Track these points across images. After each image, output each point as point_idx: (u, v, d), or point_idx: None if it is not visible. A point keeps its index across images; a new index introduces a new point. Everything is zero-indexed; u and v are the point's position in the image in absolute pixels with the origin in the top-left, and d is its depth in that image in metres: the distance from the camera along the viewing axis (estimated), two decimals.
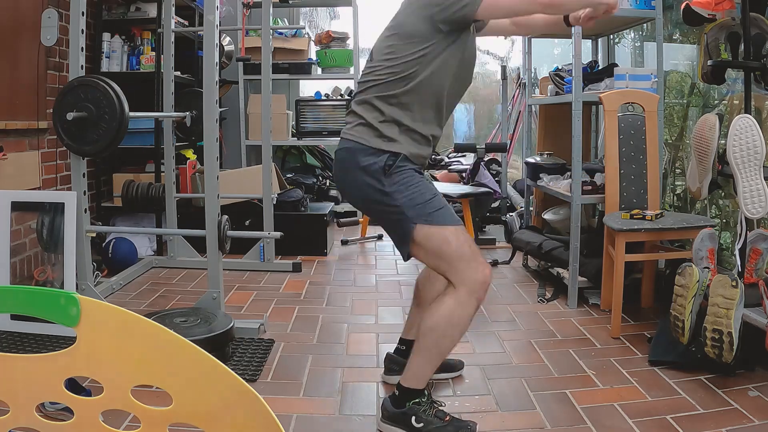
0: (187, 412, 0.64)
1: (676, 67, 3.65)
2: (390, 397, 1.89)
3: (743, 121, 2.23)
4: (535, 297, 3.19)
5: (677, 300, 2.26)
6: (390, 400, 1.88)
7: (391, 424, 1.86)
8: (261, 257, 3.77)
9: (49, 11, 2.71)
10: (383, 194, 1.80)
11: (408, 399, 1.85)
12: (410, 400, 1.85)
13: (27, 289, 0.62)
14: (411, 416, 1.83)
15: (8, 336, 2.51)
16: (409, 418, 1.83)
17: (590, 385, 2.16)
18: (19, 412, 0.67)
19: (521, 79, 5.19)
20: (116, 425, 0.71)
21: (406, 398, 1.85)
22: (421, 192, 1.81)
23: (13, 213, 2.63)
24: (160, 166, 3.87)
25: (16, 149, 3.15)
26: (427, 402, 1.86)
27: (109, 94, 2.45)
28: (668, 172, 3.44)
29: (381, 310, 3.02)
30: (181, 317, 2.45)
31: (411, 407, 1.84)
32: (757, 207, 2.20)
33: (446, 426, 1.82)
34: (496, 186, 4.75)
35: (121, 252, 3.68)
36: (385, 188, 1.80)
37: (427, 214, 1.79)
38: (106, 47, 4.04)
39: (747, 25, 2.28)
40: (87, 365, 0.63)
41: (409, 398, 1.85)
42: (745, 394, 2.05)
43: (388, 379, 2.17)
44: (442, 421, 1.83)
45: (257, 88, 4.78)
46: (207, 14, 2.54)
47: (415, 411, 1.83)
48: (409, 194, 1.80)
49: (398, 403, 1.86)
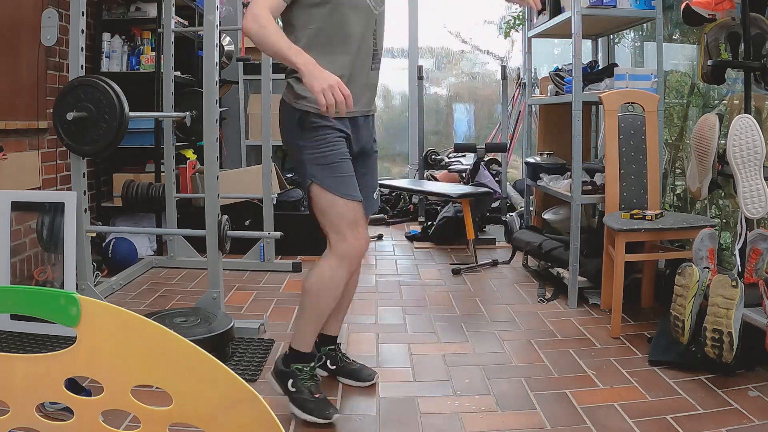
0: (187, 412, 0.64)
1: (676, 67, 3.64)
2: (283, 355, 2.05)
3: (743, 121, 2.23)
4: (535, 297, 3.19)
5: (677, 300, 2.26)
6: (281, 358, 2.05)
7: (275, 379, 2.03)
8: (261, 257, 3.77)
9: (49, 11, 2.71)
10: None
11: (294, 361, 2.00)
12: (295, 363, 1.99)
13: (27, 289, 0.62)
14: (289, 378, 1.98)
15: (8, 336, 2.51)
16: (288, 379, 1.98)
17: (590, 385, 2.16)
18: (19, 412, 0.67)
19: (521, 79, 5.19)
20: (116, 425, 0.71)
21: (292, 359, 2.00)
22: (325, 154, 1.89)
23: (13, 213, 2.63)
24: (160, 166, 3.87)
25: (16, 149, 3.14)
26: (308, 372, 2.00)
27: (109, 94, 2.45)
28: (668, 172, 3.44)
29: (381, 310, 3.02)
30: (181, 317, 2.45)
31: (293, 370, 1.99)
32: (757, 207, 2.20)
33: (310, 401, 1.93)
34: (496, 186, 4.75)
35: (121, 252, 3.67)
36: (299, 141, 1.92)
37: (324, 176, 1.88)
38: (106, 47, 4.04)
39: (747, 25, 2.28)
40: (87, 365, 0.63)
41: (295, 360, 2.00)
42: (745, 394, 2.05)
43: None
44: (312, 395, 1.95)
45: (257, 88, 4.78)
46: (207, 14, 2.54)
47: (295, 375, 1.98)
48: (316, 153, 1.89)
49: (285, 362, 2.02)
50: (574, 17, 2.98)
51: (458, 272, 3.67)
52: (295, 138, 1.93)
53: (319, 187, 1.89)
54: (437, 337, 2.66)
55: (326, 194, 1.89)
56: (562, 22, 3.23)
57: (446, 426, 1.91)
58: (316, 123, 1.88)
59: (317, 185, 1.89)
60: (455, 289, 3.38)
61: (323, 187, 1.89)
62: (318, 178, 1.89)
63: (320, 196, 1.90)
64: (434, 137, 6.30)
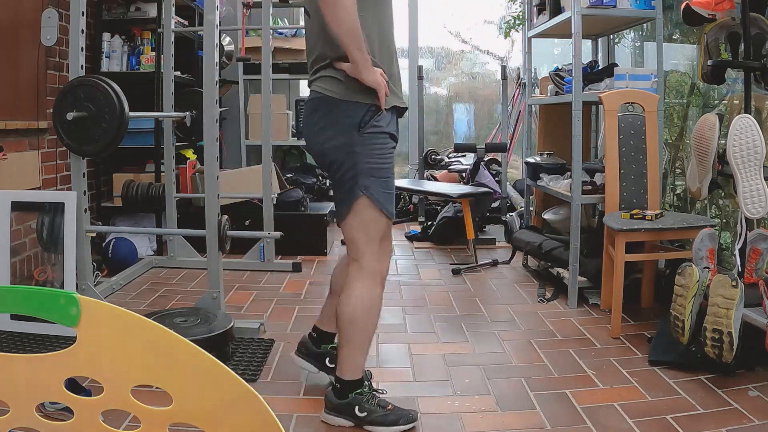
0: (187, 412, 0.64)
1: (676, 67, 3.64)
2: (332, 389, 1.93)
3: (743, 121, 2.23)
4: (535, 297, 3.19)
5: (677, 300, 2.26)
6: (333, 392, 1.92)
7: (336, 414, 1.91)
8: (261, 257, 3.77)
9: (49, 11, 2.71)
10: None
11: (350, 390, 1.89)
12: (352, 391, 1.89)
13: (27, 289, 0.62)
14: (354, 406, 1.88)
15: (8, 336, 2.51)
16: (353, 408, 1.88)
17: (590, 385, 2.16)
18: (19, 412, 0.67)
19: (521, 79, 5.19)
20: (116, 425, 0.71)
21: (347, 390, 1.89)
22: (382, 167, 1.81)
23: (13, 213, 2.63)
24: (160, 166, 3.87)
25: (16, 149, 3.15)
26: (368, 392, 1.91)
27: (109, 94, 2.45)
28: (668, 172, 3.44)
29: (381, 310, 3.01)
30: (181, 317, 2.45)
31: (354, 398, 1.89)
32: (757, 207, 2.20)
33: (389, 414, 1.88)
34: (496, 186, 4.75)
35: (121, 252, 3.68)
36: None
37: (377, 190, 1.80)
38: (106, 47, 4.04)
39: (747, 25, 2.28)
40: (87, 365, 0.63)
41: (350, 389, 1.89)
42: (745, 394, 2.05)
43: (295, 359, 2.18)
44: (385, 409, 1.89)
45: (257, 88, 4.78)
46: (207, 14, 2.54)
47: (358, 401, 1.88)
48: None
49: (341, 394, 1.90)
50: (574, 17, 2.99)
51: (458, 272, 3.67)
52: (350, 142, 1.77)
53: (369, 201, 1.79)
54: (437, 337, 2.66)
55: (374, 210, 1.81)
56: (562, 22, 3.23)
57: (446, 426, 1.91)
58: (378, 128, 1.78)
59: (368, 199, 1.79)
60: (455, 289, 3.38)
61: (374, 202, 1.79)
62: (371, 191, 1.79)
63: (367, 211, 1.80)
64: (434, 137, 6.30)
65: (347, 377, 1.90)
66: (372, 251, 1.86)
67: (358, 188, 1.79)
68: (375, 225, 1.84)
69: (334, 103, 1.78)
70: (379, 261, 1.88)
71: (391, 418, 1.87)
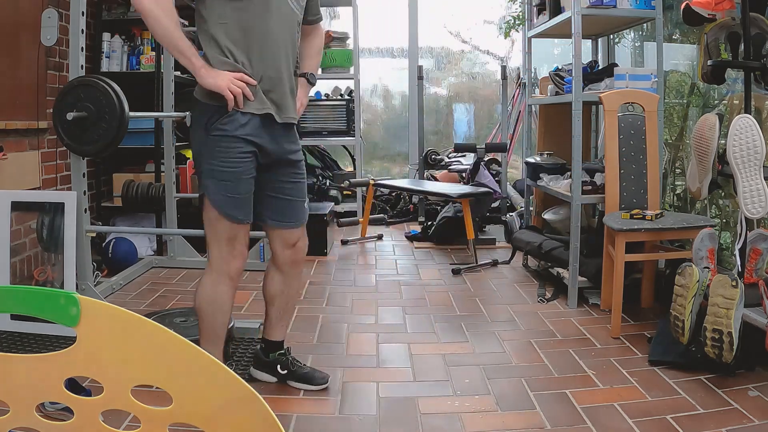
0: (187, 412, 0.64)
1: (676, 67, 3.64)
2: None
3: (743, 121, 2.23)
4: (535, 297, 3.19)
5: (677, 300, 2.26)
6: None
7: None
8: (261, 257, 3.77)
9: (49, 11, 2.71)
10: None
11: None
12: None
13: (27, 289, 0.62)
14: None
15: (8, 336, 2.51)
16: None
17: (590, 385, 2.16)
18: (19, 412, 0.67)
19: (521, 79, 5.19)
20: (116, 425, 0.71)
21: None
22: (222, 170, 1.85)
23: (13, 213, 2.63)
24: (160, 166, 3.87)
25: (16, 149, 3.15)
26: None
27: (109, 94, 2.45)
28: (668, 172, 3.44)
29: (381, 310, 3.02)
30: (181, 317, 2.45)
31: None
32: (757, 207, 2.20)
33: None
34: (496, 186, 4.75)
35: (121, 252, 3.68)
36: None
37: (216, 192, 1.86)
38: (106, 47, 4.04)
39: (747, 25, 2.28)
40: (87, 365, 0.63)
41: None
42: (745, 394, 2.05)
43: (254, 373, 2.23)
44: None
45: None
46: None
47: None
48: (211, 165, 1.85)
49: None
50: (574, 17, 2.99)
51: (458, 272, 3.67)
52: (197, 143, 1.87)
53: (208, 201, 1.87)
54: (437, 337, 2.66)
55: (213, 211, 1.87)
56: (562, 22, 3.23)
57: (446, 426, 1.91)
58: (223, 131, 1.82)
59: (207, 199, 1.88)
60: (455, 289, 3.38)
61: (212, 204, 1.87)
62: (209, 192, 1.86)
63: (208, 211, 1.89)
64: (434, 137, 6.30)
65: None
66: (218, 250, 1.91)
67: (201, 187, 1.89)
68: (217, 225, 1.89)
69: (195, 102, 1.89)
70: (226, 261, 1.92)
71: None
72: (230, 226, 1.90)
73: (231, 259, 1.93)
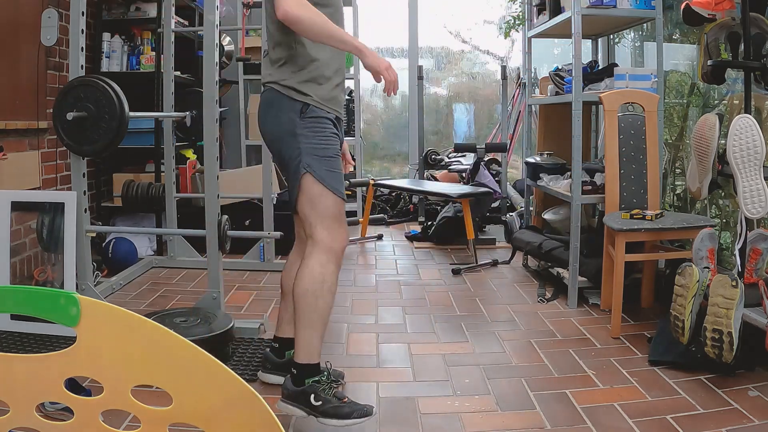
0: (187, 412, 0.64)
1: (676, 67, 3.64)
2: (290, 376, 1.91)
3: (743, 121, 2.23)
4: (535, 297, 3.19)
5: (677, 300, 2.26)
6: (290, 379, 1.90)
7: (290, 403, 1.88)
8: (261, 257, 3.77)
9: (49, 11, 2.71)
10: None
11: (306, 376, 1.88)
12: (309, 377, 1.88)
13: (27, 289, 0.62)
14: (310, 394, 1.86)
15: (8, 336, 2.51)
16: (309, 396, 1.86)
17: (590, 385, 2.16)
18: (19, 412, 0.67)
19: (521, 79, 5.19)
20: (116, 425, 0.71)
21: (304, 375, 1.88)
22: (323, 146, 1.90)
23: (13, 213, 2.63)
24: (160, 166, 3.87)
25: (16, 149, 3.15)
26: (326, 381, 1.90)
27: (109, 94, 2.45)
28: (668, 172, 3.44)
29: (381, 310, 3.02)
30: (181, 317, 2.45)
31: (311, 385, 1.87)
32: (757, 207, 2.20)
33: (343, 406, 1.85)
34: (496, 186, 4.75)
35: (121, 252, 3.68)
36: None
37: (320, 167, 1.88)
38: (106, 47, 4.04)
39: (747, 25, 2.28)
40: (87, 365, 0.63)
41: (307, 375, 1.88)
42: (745, 394, 2.05)
43: (263, 377, 2.18)
44: (341, 401, 1.87)
45: (257, 88, 4.77)
46: (207, 14, 2.54)
47: (315, 389, 1.87)
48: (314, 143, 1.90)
49: (297, 381, 1.89)
50: (574, 17, 2.99)
51: (458, 272, 3.67)
52: (291, 126, 1.90)
53: (313, 177, 1.88)
54: (437, 337, 2.66)
55: (318, 186, 1.89)
56: (562, 22, 3.23)
57: (446, 426, 1.91)
58: (317, 113, 1.90)
59: (311, 175, 1.88)
60: (455, 289, 3.38)
61: (317, 178, 1.88)
62: (313, 168, 1.88)
63: (312, 187, 1.89)
64: (434, 137, 6.30)
65: (302, 360, 1.89)
66: (325, 226, 1.90)
67: (301, 166, 1.88)
68: (322, 200, 1.90)
69: (278, 96, 1.92)
70: (335, 238, 1.91)
71: (345, 410, 1.84)
72: (336, 201, 1.92)
73: (338, 236, 1.92)
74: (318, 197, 1.89)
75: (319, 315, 1.89)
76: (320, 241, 1.90)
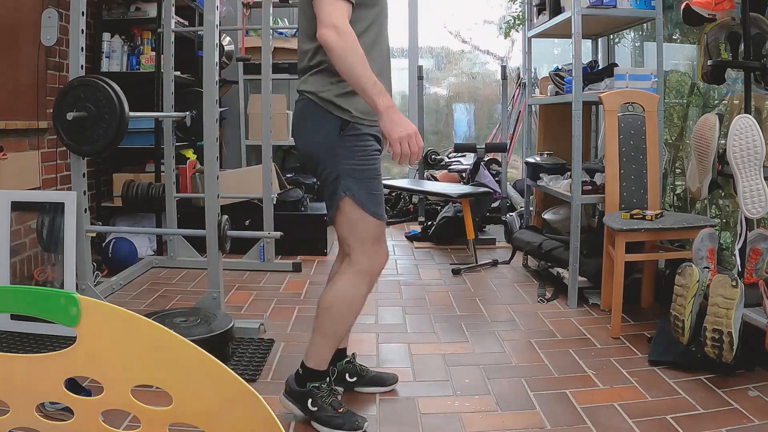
0: (187, 412, 0.64)
1: (676, 67, 3.64)
2: (295, 375, 1.94)
3: (743, 121, 2.23)
4: (535, 297, 3.19)
5: (677, 300, 2.26)
6: (294, 377, 1.93)
7: (290, 399, 1.92)
8: (261, 257, 3.77)
9: (49, 11, 2.71)
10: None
11: (309, 380, 1.90)
12: (312, 381, 1.89)
13: (27, 289, 0.62)
14: (308, 398, 1.88)
15: (8, 336, 2.51)
16: (306, 399, 1.88)
17: (590, 385, 2.16)
18: (19, 412, 0.67)
19: (521, 79, 5.19)
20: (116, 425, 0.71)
21: (307, 378, 1.90)
22: (364, 168, 1.82)
23: (13, 213, 2.63)
24: (160, 166, 3.87)
25: (16, 149, 3.15)
26: (327, 388, 1.90)
27: (109, 94, 2.45)
28: (668, 172, 3.44)
29: (381, 310, 3.02)
30: (181, 317, 2.45)
31: (311, 389, 1.89)
32: (757, 207, 2.20)
33: (337, 417, 1.86)
34: (496, 186, 4.75)
35: (121, 252, 3.68)
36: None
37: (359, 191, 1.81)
38: (106, 47, 4.04)
39: (747, 25, 2.28)
40: (87, 365, 0.63)
41: (310, 379, 1.90)
42: (745, 394, 2.05)
43: (361, 390, 2.16)
44: (336, 411, 1.87)
45: (257, 88, 4.78)
46: (207, 14, 2.54)
47: (314, 394, 1.88)
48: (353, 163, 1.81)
49: (300, 381, 1.91)
50: (574, 17, 2.99)
51: (458, 272, 3.67)
52: (330, 144, 1.80)
53: (353, 202, 1.81)
54: (437, 337, 2.66)
55: (358, 210, 1.81)
56: (562, 22, 3.23)
57: (446, 426, 1.91)
58: (358, 130, 1.80)
59: (350, 200, 1.81)
60: (455, 289, 3.38)
61: (356, 203, 1.81)
62: (353, 192, 1.80)
63: (352, 212, 1.82)
64: (434, 137, 6.30)
65: (310, 365, 1.90)
66: (362, 249, 1.86)
67: (340, 189, 1.81)
68: (362, 225, 1.84)
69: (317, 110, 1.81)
70: (374, 261, 1.88)
71: (338, 421, 1.85)
72: (376, 224, 1.86)
73: (377, 259, 1.89)
74: (358, 221, 1.83)
75: (337, 331, 1.92)
76: (358, 263, 1.86)
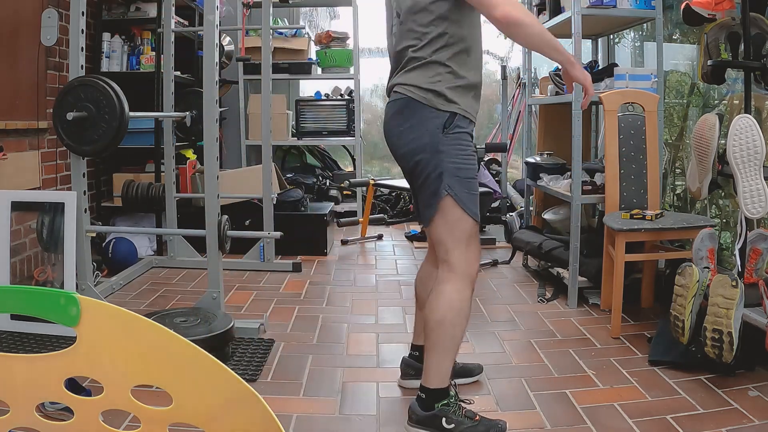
0: (187, 412, 0.64)
1: (676, 67, 3.64)
2: (417, 400, 1.86)
3: (743, 121, 2.23)
4: (535, 297, 3.19)
5: (677, 300, 2.26)
6: (417, 404, 1.85)
7: (421, 427, 1.83)
8: (261, 257, 3.77)
9: (49, 11, 2.71)
10: None
11: (436, 400, 1.82)
12: (438, 401, 1.82)
13: (27, 289, 0.62)
14: (441, 418, 1.80)
15: (8, 336, 2.51)
16: (440, 420, 1.81)
17: (590, 385, 2.16)
18: (19, 412, 0.67)
19: (521, 79, 5.19)
20: (116, 425, 0.71)
21: (433, 400, 1.82)
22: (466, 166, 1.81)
23: (13, 213, 2.63)
24: (160, 166, 3.87)
25: (16, 149, 3.15)
26: (455, 402, 1.84)
27: (109, 94, 2.45)
28: (668, 172, 3.44)
29: (381, 310, 3.02)
30: (181, 317, 2.45)
31: (440, 409, 1.81)
32: (757, 207, 2.20)
33: (477, 425, 1.81)
34: (496, 186, 4.75)
35: (121, 252, 3.68)
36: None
37: (461, 190, 1.79)
38: (106, 47, 4.04)
39: (747, 25, 2.28)
40: (87, 365, 0.63)
41: (436, 399, 1.82)
42: (745, 394, 2.05)
43: (405, 383, 2.16)
44: (472, 420, 1.82)
45: (257, 88, 4.78)
46: (207, 14, 2.54)
47: (445, 412, 1.81)
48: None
49: (426, 405, 1.83)
50: (574, 17, 2.98)
51: None
52: (434, 142, 1.77)
53: (454, 201, 1.78)
54: None
55: (458, 210, 1.79)
56: (562, 22, 3.23)
57: None
58: (461, 127, 1.79)
59: (452, 198, 1.78)
60: None
61: (457, 202, 1.78)
62: (455, 191, 1.78)
63: (452, 211, 1.79)
64: None
65: (433, 385, 1.82)
66: (460, 251, 1.82)
67: (442, 188, 1.78)
68: (461, 225, 1.81)
69: (419, 107, 1.79)
70: (470, 263, 1.84)
71: (479, 429, 1.79)
72: (472, 225, 1.83)
73: (474, 260, 1.85)
74: (457, 221, 1.80)
75: (455, 342, 1.84)
76: (457, 267, 1.82)
